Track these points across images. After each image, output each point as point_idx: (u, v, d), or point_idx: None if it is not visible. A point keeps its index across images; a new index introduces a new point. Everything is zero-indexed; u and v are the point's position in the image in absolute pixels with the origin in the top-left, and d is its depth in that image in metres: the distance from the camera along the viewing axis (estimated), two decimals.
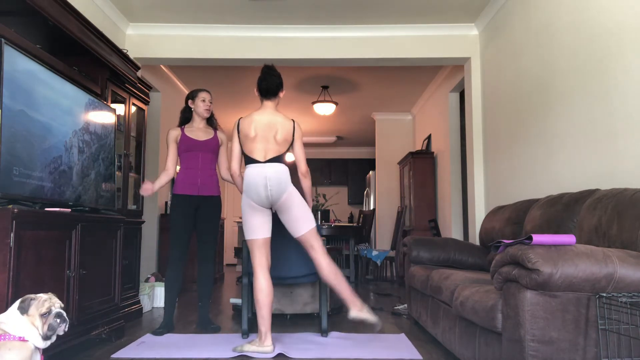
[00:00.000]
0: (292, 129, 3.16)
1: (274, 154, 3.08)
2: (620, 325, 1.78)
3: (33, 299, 1.98)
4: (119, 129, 4.01)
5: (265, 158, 3.06)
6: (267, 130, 3.09)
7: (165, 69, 6.27)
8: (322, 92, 7.25)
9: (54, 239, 2.62)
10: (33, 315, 1.96)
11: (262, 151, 3.07)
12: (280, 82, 3.22)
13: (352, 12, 4.69)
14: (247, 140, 3.10)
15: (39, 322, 1.96)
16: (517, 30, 4.07)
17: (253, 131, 3.08)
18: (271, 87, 3.18)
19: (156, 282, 4.83)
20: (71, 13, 3.10)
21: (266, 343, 2.97)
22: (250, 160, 3.08)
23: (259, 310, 3.02)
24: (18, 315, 1.95)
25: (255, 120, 3.11)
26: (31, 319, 1.96)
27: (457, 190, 6.28)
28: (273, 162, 3.06)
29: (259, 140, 3.08)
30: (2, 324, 1.92)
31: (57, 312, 2.00)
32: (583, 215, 2.48)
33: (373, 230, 8.49)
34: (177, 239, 3.62)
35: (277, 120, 3.12)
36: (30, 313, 1.96)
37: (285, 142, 3.13)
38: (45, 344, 1.99)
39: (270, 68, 3.24)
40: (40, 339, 1.97)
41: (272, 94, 3.19)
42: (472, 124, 4.94)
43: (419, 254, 3.70)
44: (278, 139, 3.09)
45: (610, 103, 2.77)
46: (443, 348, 3.13)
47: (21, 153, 2.50)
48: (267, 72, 3.22)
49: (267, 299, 3.02)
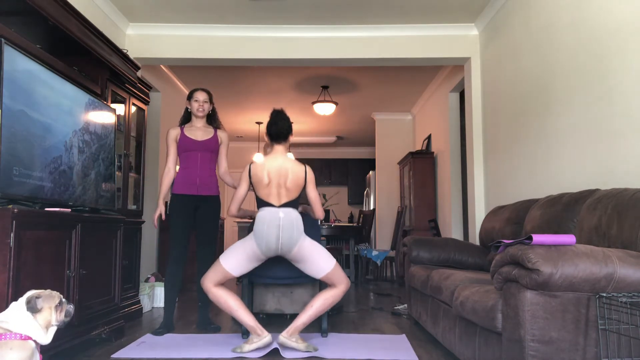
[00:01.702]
0: (303, 174, 3.18)
1: (288, 198, 3.12)
2: (620, 325, 1.78)
3: (38, 296, 2.01)
4: (119, 129, 4.01)
5: (280, 202, 3.11)
6: (279, 175, 3.12)
7: (165, 69, 6.26)
8: (322, 92, 7.25)
9: (54, 239, 2.62)
10: (46, 310, 2.01)
11: (277, 196, 3.11)
12: (290, 125, 3.27)
13: (352, 12, 4.69)
14: (261, 186, 3.13)
15: (53, 314, 2.02)
16: (517, 30, 4.07)
17: (266, 177, 3.12)
18: (281, 131, 3.22)
19: (156, 282, 4.83)
20: (71, 13, 3.10)
21: (263, 333, 3.00)
22: (264, 203, 3.12)
23: (237, 313, 3.05)
24: (20, 314, 1.96)
25: (268, 167, 3.14)
26: (44, 315, 2.00)
27: (457, 190, 6.28)
28: (287, 207, 3.09)
29: (273, 186, 3.12)
30: (3, 323, 1.92)
31: (65, 300, 2.10)
32: (583, 215, 2.48)
33: (373, 230, 8.49)
34: (176, 238, 3.62)
35: (288, 166, 3.15)
36: (42, 309, 2.00)
37: (297, 187, 3.15)
38: (47, 340, 2.01)
39: (279, 112, 3.28)
40: (43, 336, 1.99)
41: (282, 138, 3.23)
42: (472, 124, 4.94)
43: (419, 254, 3.70)
44: (289, 185, 3.12)
45: (610, 103, 2.77)
46: (443, 348, 3.13)
47: (21, 153, 2.50)
48: (276, 116, 3.25)
49: (237, 301, 3.06)
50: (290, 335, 3.01)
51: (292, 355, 2.93)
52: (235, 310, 3.05)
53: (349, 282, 3.17)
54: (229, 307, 3.06)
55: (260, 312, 3.92)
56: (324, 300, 3.09)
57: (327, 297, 3.10)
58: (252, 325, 3.02)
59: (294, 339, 3.00)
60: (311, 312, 3.07)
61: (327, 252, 3.17)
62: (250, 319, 3.04)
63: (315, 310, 3.08)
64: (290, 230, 3.03)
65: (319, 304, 3.09)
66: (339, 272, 3.13)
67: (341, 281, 3.12)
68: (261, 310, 3.90)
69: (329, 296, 3.10)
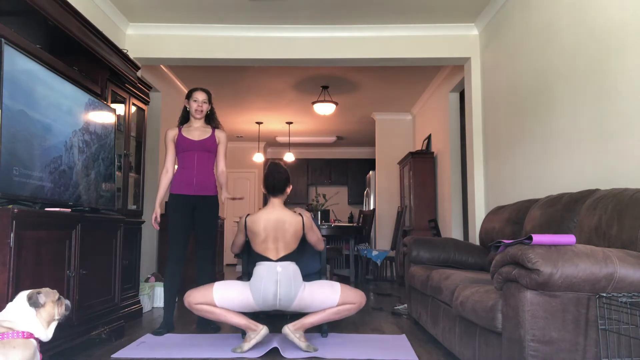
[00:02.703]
0: (300, 225, 3.15)
1: (286, 251, 3.09)
2: (620, 325, 1.78)
3: (38, 292, 2.03)
4: (119, 129, 4.01)
5: (278, 256, 3.08)
6: (276, 229, 3.09)
7: (165, 69, 6.26)
8: (322, 92, 7.25)
9: (54, 239, 2.62)
10: (49, 304, 2.03)
11: (274, 250, 3.09)
12: (287, 178, 3.23)
13: (352, 12, 4.69)
14: (258, 240, 3.10)
15: (56, 308, 2.05)
16: (517, 31, 4.07)
17: (263, 232, 3.09)
18: (278, 184, 3.19)
19: (156, 282, 4.83)
20: (71, 13, 3.10)
21: (258, 328, 3.00)
22: (261, 257, 3.09)
23: (226, 318, 3.03)
24: (21, 311, 1.97)
25: (264, 220, 3.10)
26: (47, 309, 2.02)
27: (457, 190, 6.28)
28: (284, 261, 3.06)
29: (270, 240, 3.09)
30: (5, 322, 1.92)
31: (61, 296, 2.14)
32: (583, 215, 2.48)
33: (373, 230, 8.49)
34: (175, 238, 3.62)
35: (286, 219, 3.12)
36: (45, 303, 2.02)
37: (296, 238, 3.13)
38: (49, 336, 2.03)
39: (276, 165, 3.26)
40: (44, 332, 2.00)
41: (278, 192, 3.19)
42: (472, 124, 4.94)
43: (419, 254, 3.70)
44: (287, 238, 3.10)
45: (610, 103, 2.77)
46: (443, 348, 3.13)
47: (21, 153, 2.50)
48: (273, 169, 3.23)
49: (221, 307, 3.03)
50: (295, 330, 3.00)
51: (292, 355, 2.93)
52: (223, 316, 3.03)
53: (363, 297, 3.13)
54: (216, 316, 3.04)
55: (260, 312, 3.91)
56: (337, 310, 3.07)
57: (341, 310, 3.07)
58: (245, 323, 3.02)
59: (298, 335, 3.00)
60: (323, 315, 3.06)
61: (328, 284, 3.11)
62: (241, 319, 3.03)
63: (327, 316, 3.06)
64: (288, 287, 3.00)
65: (333, 311, 3.06)
66: (349, 294, 3.09)
67: (355, 300, 3.10)
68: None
69: (344, 309, 3.08)
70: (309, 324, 3.04)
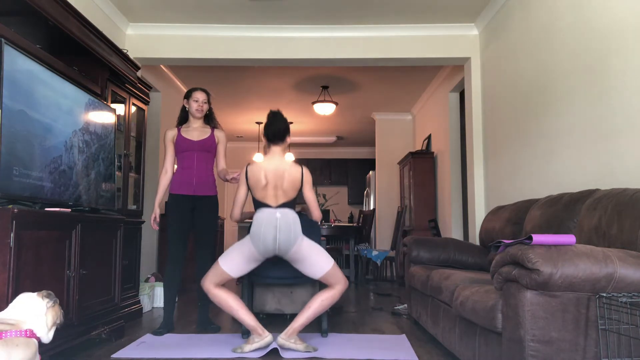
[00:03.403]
0: (300, 175, 3.16)
1: (285, 199, 3.11)
2: (620, 325, 1.78)
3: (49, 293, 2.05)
4: (119, 129, 4.01)
5: (277, 203, 3.10)
6: (277, 177, 3.11)
7: (165, 69, 6.26)
8: (322, 92, 7.25)
9: (54, 239, 2.62)
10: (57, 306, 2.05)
11: (273, 197, 3.10)
12: (287, 126, 3.26)
13: (352, 12, 4.69)
14: (258, 188, 3.12)
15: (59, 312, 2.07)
16: (517, 30, 4.07)
17: (264, 179, 3.11)
18: (278, 132, 3.21)
19: (156, 282, 4.83)
20: (71, 13, 3.10)
21: (264, 333, 3.00)
22: (261, 204, 3.11)
23: (238, 314, 3.04)
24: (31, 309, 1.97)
25: (265, 168, 3.13)
26: (56, 309, 2.04)
27: (457, 190, 6.28)
28: (284, 208, 3.08)
29: (270, 187, 3.11)
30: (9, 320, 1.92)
31: None
32: (583, 215, 2.48)
33: (373, 230, 8.49)
34: (174, 238, 3.62)
35: (285, 168, 3.14)
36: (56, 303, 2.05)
37: (294, 189, 3.14)
38: (50, 338, 2.03)
39: (276, 114, 3.28)
40: (47, 334, 2.01)
41: (279, 140, 3.22)
42: (472, 124, 4.94)
43: (419, 254, 3.70)
44: (285, 186, 3.11)
45: (610, 103, 2.77)
46: (443, 348, 3.13)
47: (21, 153, 2.50)
48: (273, 117, 3.25)
49: (238, 301, 3.06)
50: (289, 337, 3.00)
51: (292, 355, 2.93)
52: (236, 310, 3.05)
53: (346, 282, 3.16)
54: (229, 308, 3.05)
55: (260, 312, 3.92)
56: (321, 301, 3.09)
57: (324, 299, 3.09)
58: (253, 325, 3.02)
59: (293, 340, 3.00)
60: (309, 313, 3.06)
61: (325, 253, 3.16)
62: (251, 319, 3.04)
63: (314, 312, 3.07)
64: (287, 231, 3.02)
65: (317, 305, 3.08)
66: (337, 273, 3.12)
67: (339, 281, 3.11)
68: (261, 310, 3.90)
69: (327, 297, 3.09)
70: (299, 326, 3.04)
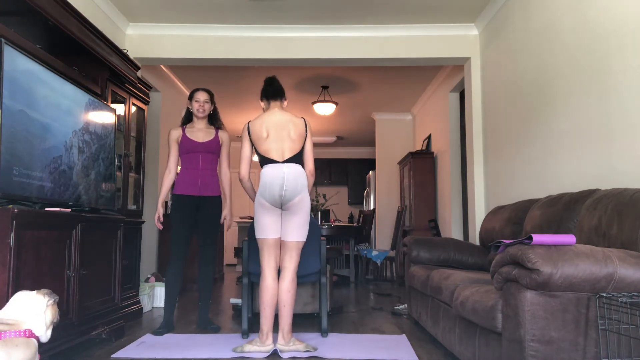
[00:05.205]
0: (304, 126, 3.16)
1: (291, 152, 3.07)
2: (620, 325, 1.78)
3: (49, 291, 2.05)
4: (119, 129, 4.01)
5: (283, 158, 3.06)
6: (279, 129, 3.09)
7: (165, 69, 6.26)
8: (322, 92, 7.25)
9: (54, 239, 2.62)
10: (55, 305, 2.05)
11: (278, 151, 3.06)
12: (283, 90, 3.28)
13: (352, 12, 4.69)
14: (261, 141, 3.09)
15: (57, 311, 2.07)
16: (517, 30, 4.07)
17: (265, 132, 3.08)
18: (277, 90, 3.23)
19: (156, 282, 4.82)
20: (71, 13, 3.10)
21: (267, 342, 2.98)
22: (267, 160, 3.07)
23: (263, 310, 3.02)
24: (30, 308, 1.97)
25: (266, 121, 3.11)
26: (55, 308, 2.04)
27: (457, 190, 6.28)
28: (291, 163, 3.05)
29: (272, 140, 3.07)
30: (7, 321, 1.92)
31: None
32: (583, 215, 2.48)
33: (373, 230, 8.49)
34: (178, 238, 3.62)
35: (288, 118, 3.13)
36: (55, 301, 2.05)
37: (300, 138, 3.11)
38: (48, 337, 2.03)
39: (272, 78, 3.30)
40: (45, 333, 2.01)
41: (278, 96, 3.23)
42: (472, 124, 4.94)
43: (419, 254, 3.70)
44: (292, 136, 3.08)
45: (610, 103, 2.77)
46: (443, 348, 3.13)
47: (21, 153, 2.50)
48: (269, 81, 3.28)
49: (272, 300, 3.02)
50: (287, 342, 2.99)
51: (292, 355, 2.93)
52: (264, 307, 3.01)
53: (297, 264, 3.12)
54: (260, 299, 3.03)
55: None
56: (287, 291, 3.03)
57: (289, 288, 3.04)
58: (265, 329, 3.00)
59: (291, 343, 2.99)
60: (288, 308, 3.03)
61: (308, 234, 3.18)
62: (267, 323, 3.01)
63: (290, 306, 3.03)
64: (294, 182, 2.99)
65: (288, 297, 3.02)
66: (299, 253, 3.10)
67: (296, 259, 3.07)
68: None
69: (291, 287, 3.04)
70: (288, 325, 3.02)
